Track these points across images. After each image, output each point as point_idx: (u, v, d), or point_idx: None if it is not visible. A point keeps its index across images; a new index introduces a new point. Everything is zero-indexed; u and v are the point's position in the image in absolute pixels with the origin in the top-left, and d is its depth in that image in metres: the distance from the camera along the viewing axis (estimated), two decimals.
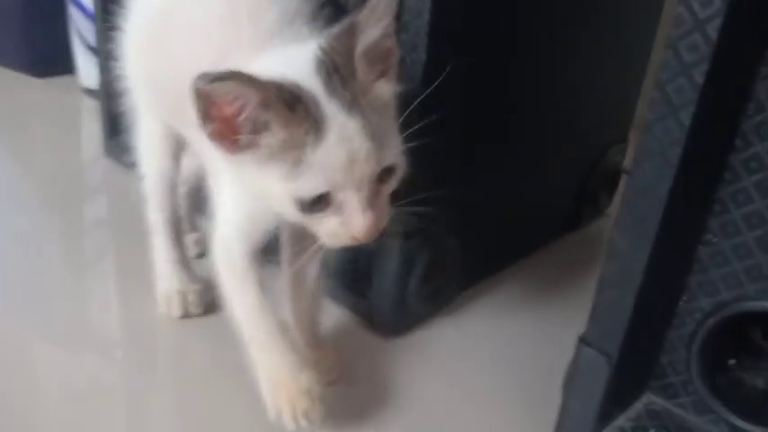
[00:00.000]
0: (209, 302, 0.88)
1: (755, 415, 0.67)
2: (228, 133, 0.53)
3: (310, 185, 0.54)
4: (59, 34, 1.57)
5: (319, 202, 0.55)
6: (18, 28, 1.61)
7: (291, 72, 0.54)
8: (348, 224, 0.56)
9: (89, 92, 1.52)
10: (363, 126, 0.53)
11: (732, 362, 0.70)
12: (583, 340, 0.66)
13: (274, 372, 0.66)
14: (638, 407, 0.72)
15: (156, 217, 0.86)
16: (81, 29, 1.50)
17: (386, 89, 0.56)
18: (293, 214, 0.57)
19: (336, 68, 0.54)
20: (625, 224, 0.60)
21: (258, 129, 0.53)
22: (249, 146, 0.54)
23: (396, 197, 0.60)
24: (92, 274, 0.98)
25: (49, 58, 1.63)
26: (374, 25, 0.53)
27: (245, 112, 0.52)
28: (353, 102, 0.53)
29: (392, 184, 0.58)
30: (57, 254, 1.01)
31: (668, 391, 0.71)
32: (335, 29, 0.56)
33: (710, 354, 0.68)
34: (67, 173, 1.25)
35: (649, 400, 0.72)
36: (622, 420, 0.70)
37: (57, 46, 1.60)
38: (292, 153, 0.53)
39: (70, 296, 0.91)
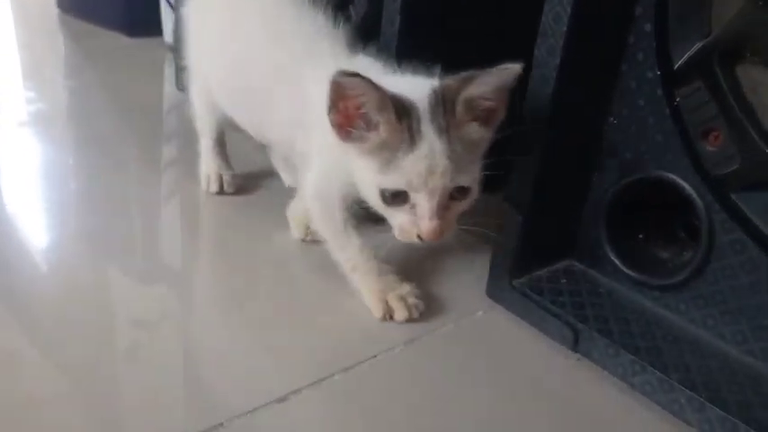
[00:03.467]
0: (240, 185, 1.12)
1: (652, 272, 0.82)
2: (345, 124, 0.69)
3: (394, 181, 0.69)
4: (151, 2, 1.87)
5: (397, 197, 0.70)
6: None
7: (412, 92, 0.68)
8: (416, 224, 0.70)
9: (171, 47, 1.80)
10: (446, 149, 0.67)
11: (641, 236, 0.85)
12: (504, 197, 0.83)
13: (375, 286, 0.83)
14: (558, 266, 0.88)
15: (201, 126, 1.11)
16: None
17: (475, 131, 0.69)
18: (375, 201, 0.72)
19: (443, 102, 0.67)
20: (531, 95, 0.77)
21: (369, 127, 0.68)
22: (358, 139, 0.69)
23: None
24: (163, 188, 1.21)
25: (142, 21, 1.94)
26: (483, 86, 0.67)
27: (364, 108, 0.67)
28: (446, 130, 0.67)
29: (464, 204, 0.72)
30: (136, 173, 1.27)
31: (584, 255, 0.87)
32: (456, 75, 0.69)
33: (616, 221, 0.84)
34: (150, 106, 1.53)
35: (570, 263, 0.88)
36: (542, 272, 0.87)
37: (148, 12, 1.91)
38: (387, 153, 0.68)
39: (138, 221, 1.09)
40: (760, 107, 0.66)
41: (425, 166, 0.67)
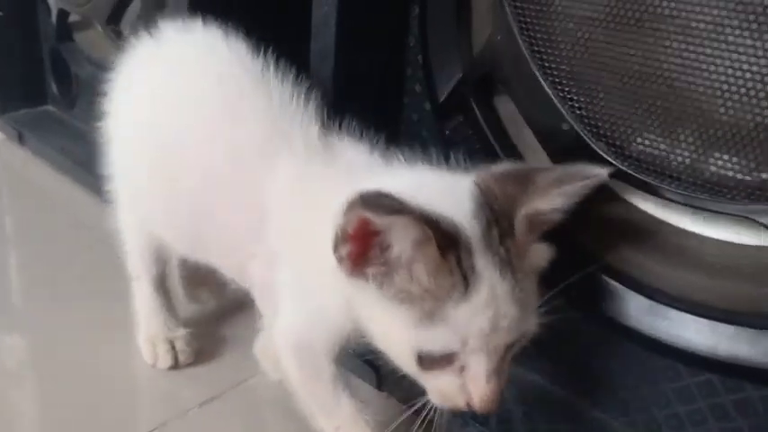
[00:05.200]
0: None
1: None
2: (360, 262, 0.49)
3: (440, 342, 0.48)
4: None
5: (441, 360, 0.49)
6: None
7: (448, 207, 0.48)
8: (468, 390, 0.50)
9: None
10: (513, 290, 0.47)
11: None
12: None
13: None
14: None
15: (134, 263, 0.80)
16: None
17: (542, 256, 0.51)
18: (405, 363, 0.52)
19: (496, 219, 0.48)
20: None
21: (393, 264, 0.48)
22: (377, 279, 0.49)
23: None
24: None
25: None
26: (552, 196, 0.49)
27: (395, 248, 0.47)
28: (508, 261, 0.48)
29: (518, 348, 0.52)
30: None
31: None
32: (501, 169, 0.52)
33: None
34: None
35: None
36: None
37: None
38: (429, 302, 0.47)
39: None
40: (519, 139, 0.66)
41: (488, 320, 0.47)
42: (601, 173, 0.50)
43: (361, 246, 0.48)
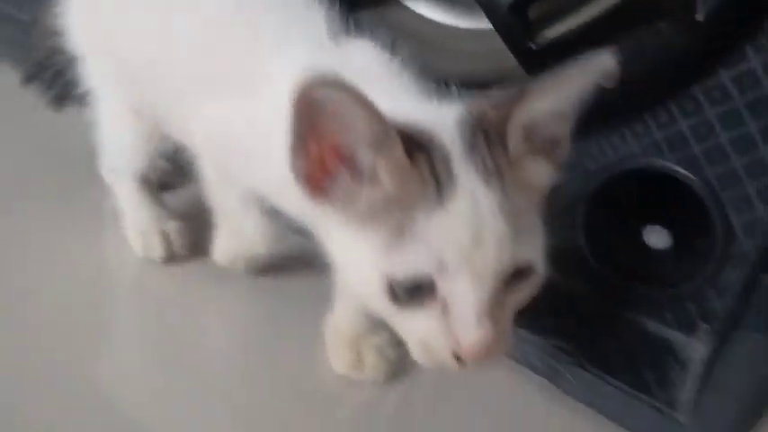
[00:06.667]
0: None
1: None
2: (319, 175, 0.43)
3: (411, 262, 0.41)
4: None
5: (418, 292, 0.42)
6: None
7: (425, 118, 0.43)
8: (452, 333, 0.42)
9: None
10: (502, 204, 0.41)
11: None
12: None
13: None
14: None
15: (115, 161, 0.79)
16: None
17: (540, 171, 0.44)
18: (377, 299, 0.43)
19: (484, 130, 0.43)
20: None
21: (359, 176, 0.42)
22: (341, 198, 0.43)
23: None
24: None
25: None
26: (551, 99, 0.42)
27: (352, 146, 0.41)
28: (496, 171, 0.42)
29: (523, 294, 0.44)
30: None
31: None
32: (497, 94, 0.45)
33: None
34: None
35: None
36: None
37: None
38: (397, 216, 0.41)
39: None
40: None
41: (468, 232, 0.40)
42: (604, 60, 0.41)
43: (317, 151, 0.42)
